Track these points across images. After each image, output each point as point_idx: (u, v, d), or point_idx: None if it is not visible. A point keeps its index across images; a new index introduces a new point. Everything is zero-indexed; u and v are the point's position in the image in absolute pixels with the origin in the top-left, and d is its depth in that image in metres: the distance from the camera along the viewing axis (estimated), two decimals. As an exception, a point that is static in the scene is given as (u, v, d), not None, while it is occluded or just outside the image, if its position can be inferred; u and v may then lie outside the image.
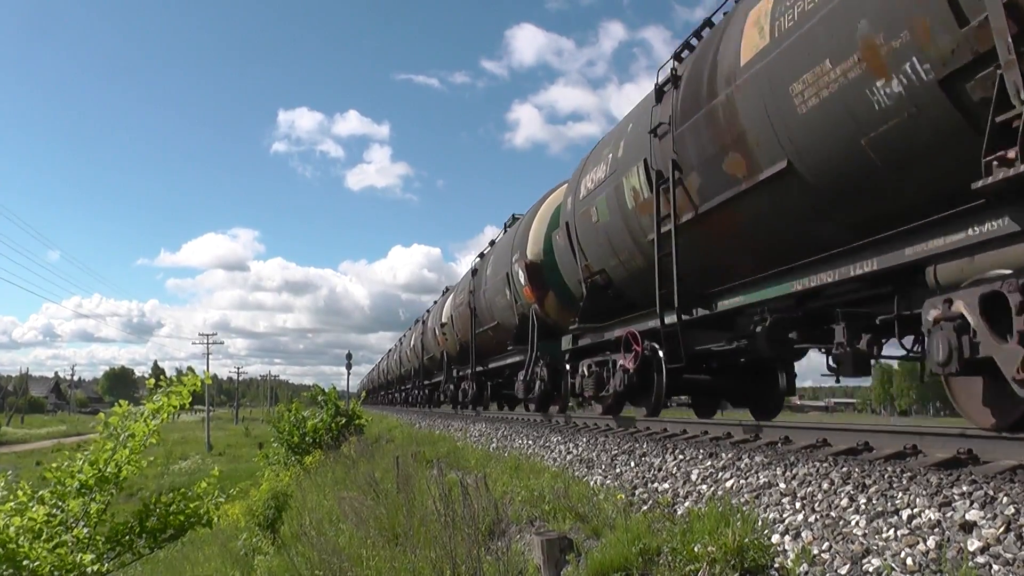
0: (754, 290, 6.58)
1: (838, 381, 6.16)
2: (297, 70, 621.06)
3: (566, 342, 10.77)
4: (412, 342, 30.83)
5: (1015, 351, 3.93)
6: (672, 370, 8.20)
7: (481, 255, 17.92)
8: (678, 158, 7.08)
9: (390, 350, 46.48)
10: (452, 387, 21.31)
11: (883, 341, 5.55)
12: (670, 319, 7.51)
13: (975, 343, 4.26)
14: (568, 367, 10.92)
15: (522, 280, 13.05)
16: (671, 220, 7.19)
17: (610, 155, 9.01)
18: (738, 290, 6.76)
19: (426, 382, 28.10)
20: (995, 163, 3.86)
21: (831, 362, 5.90)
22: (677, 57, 7.66)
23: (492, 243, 17.44)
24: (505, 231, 16.47)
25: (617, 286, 9.35)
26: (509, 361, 15.17)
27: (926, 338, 4.60)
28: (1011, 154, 3.78)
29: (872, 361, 5.61)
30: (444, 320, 21.56)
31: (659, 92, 7.66)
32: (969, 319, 4.26)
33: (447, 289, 24.60)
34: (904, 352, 5.61)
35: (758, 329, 6.49)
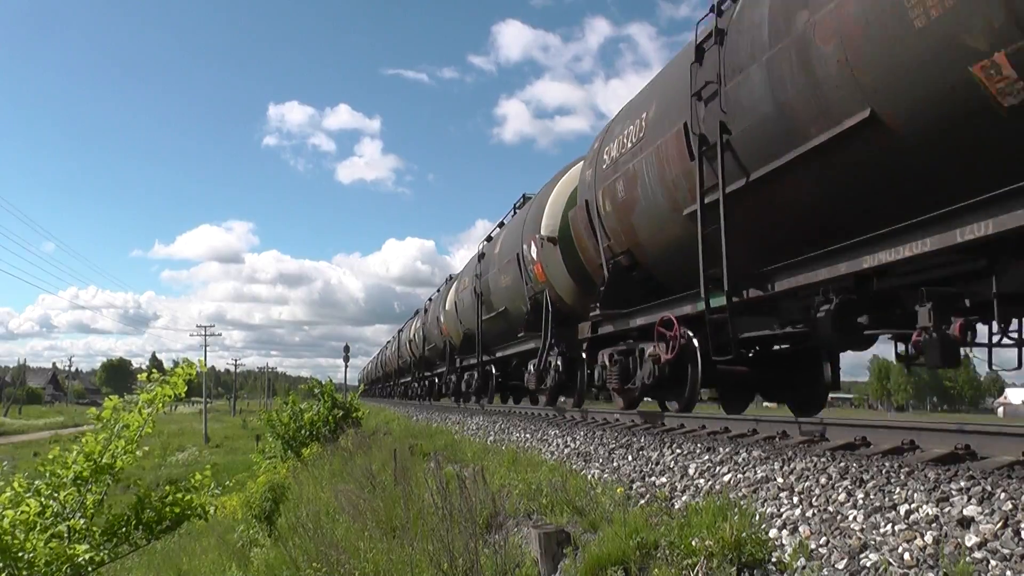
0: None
1: (908, 371, 6.03)
2: (287, 64, 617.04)
3: (584, 330, 9.80)
4: (411, 333, 30.18)
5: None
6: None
7: (489, 238, 16.74)
8: (727, 119, 6.20)
9: (388, 342, 46.17)
10: (455, 378, 20.04)
11: (975, 326, 4.81)
12: (717, 303, 6.54)
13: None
14: (585, 357, 10.21)
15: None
16: (718, 190, 6.25)
17: (639, 123, 8.08)
18: (798, 268, 5.76)
19: (427, 373, 27.08)
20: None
21: (909, 349, 5.19)
22: (717, 11, 6.63)
23: (501, 224, 16.17)
24: (515, 212, 15.20)
25: (645, 267, 8.48)
26: (519, 349, 13.69)
27: None
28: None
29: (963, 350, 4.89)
30: (448, 308, 20.31)
31: (699, 50, 6.76)
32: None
33: (450, 277, 23.67)
34: (999, 340, 4.97)
35: (820, 313, 5.59)
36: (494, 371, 16.48)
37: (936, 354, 4.76)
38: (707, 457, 5.59)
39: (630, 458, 6.48)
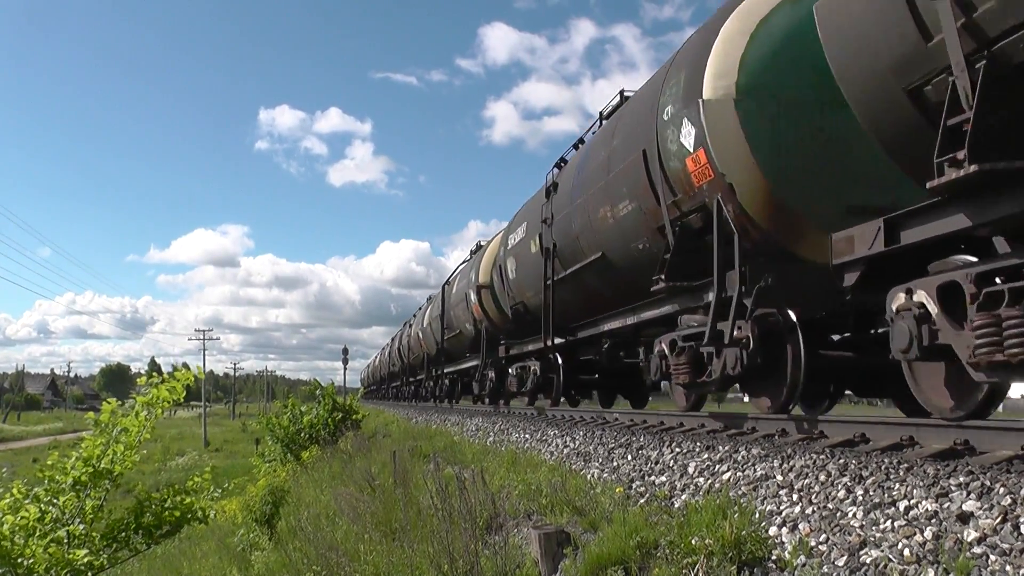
0: (594, 327, 10.52)
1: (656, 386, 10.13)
2: (276, 69, 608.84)
3: (501, 351, 14.58)
4: (400, 342, 34.71)
5: (969, 338, 4.04)
6: (569, 372, 12.07)
7: (452, 274, 21.84)
8: (555, 240, 10.96)
9: (385, 347, 46.61)
10: (431, 384, 25.12)
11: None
12: (550, 341, 11.55)
13: (934, 330, 4.40)
14: (507, 369, 14.88)
15: (474, 300, 16.59)
16: (551, 278, 11.21)
17: (524, 224, 13.05)
18: (588, 326, 10.82)
19: (411, 379, 32.21)
20: (946, 164, 3.90)
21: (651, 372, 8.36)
22: (557, 165, 11.83)
23: (466, 260, 20.61)
24: (471, 256, 19.58)
25: (532, 312, 12.73)
26: (469, 364, 18.92)
27: (890, 327, 4.72)
28: (960, 155, 3.78)
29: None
30: (424, 326, 25.52)
31: (547, 192, 11.49)
32: (929, 308, 4.42)
33: (430, 298, 27.59)
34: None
35: (604, 348, 10.50)
36: (458, 378, 21.78)
37: (649, 373, 8.54)
38: (706, 455, 5.59)
39: (629, 457, 6.48)
